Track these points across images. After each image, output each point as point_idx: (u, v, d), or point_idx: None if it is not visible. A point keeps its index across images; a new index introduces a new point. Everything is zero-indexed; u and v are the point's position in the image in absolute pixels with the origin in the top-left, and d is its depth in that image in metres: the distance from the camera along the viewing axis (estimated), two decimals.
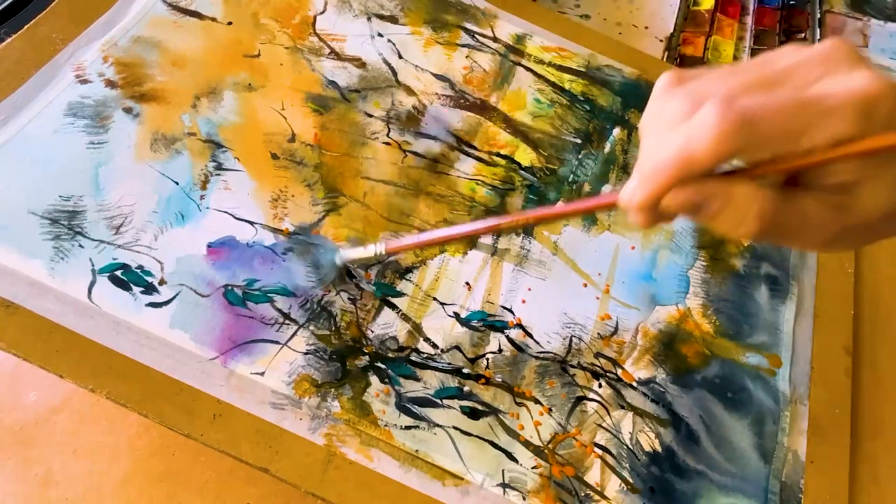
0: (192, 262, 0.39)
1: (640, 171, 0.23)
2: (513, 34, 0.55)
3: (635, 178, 0.23)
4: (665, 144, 0.22)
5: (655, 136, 0.23)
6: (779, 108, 0.21)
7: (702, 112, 0.21)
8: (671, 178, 0.22)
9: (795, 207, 0.23)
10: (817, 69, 0.22)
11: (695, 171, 0.22)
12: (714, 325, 0.45)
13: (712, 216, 0.23)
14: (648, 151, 0.23)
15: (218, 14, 0.49)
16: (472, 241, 0.44)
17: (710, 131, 0.21)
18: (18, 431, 0.40)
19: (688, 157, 0.21)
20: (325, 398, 0.37)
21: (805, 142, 0.21)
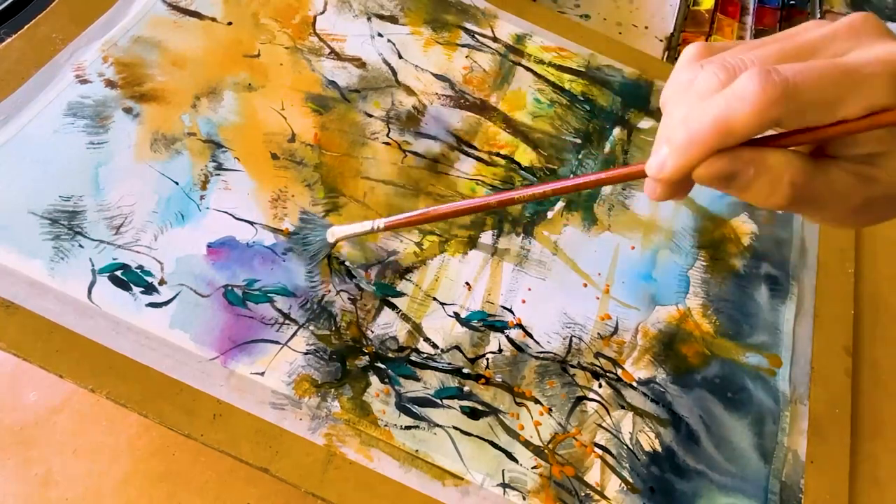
0: (192, 262, 0.39)
1: (672, 140, 0.22)
2: (513, 34, 0.55)
3: (664, 148, 0.23)
4: (700, 113, 0.22)
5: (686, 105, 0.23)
6: (817, 76, 0.21)
7: (741, 80, 0.21)
8: (709, 147, 0.22)
9: (824, 177, 0.23)
10: (848, 41, 0.22)
11: (734, 140, 0.21)
12: (714, 325, 0.45)
13: (745, 185, 0.22)
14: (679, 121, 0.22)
15: (218, 14, 0.49)
16: (473, 241, 0.44)
17: (752, 100, 0.20)
18: (18, 431, 0.40)
19: (728, 126, 0.21)
20: (325, 398, 0.37)
21: (841, 111, 0.21)
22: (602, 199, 0.49)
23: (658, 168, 0.23)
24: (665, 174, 0.23)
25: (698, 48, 0.24)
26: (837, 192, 0.23)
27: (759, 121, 0.21)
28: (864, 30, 0.22)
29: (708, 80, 0.22)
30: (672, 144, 0.22)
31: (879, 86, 0.21)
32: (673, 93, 0.24)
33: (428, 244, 0.44)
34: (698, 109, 0.22)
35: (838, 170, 0.23)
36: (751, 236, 0.49)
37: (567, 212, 0.47)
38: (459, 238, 0.44)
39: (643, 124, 0.53)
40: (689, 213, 0.49)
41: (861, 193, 0.23)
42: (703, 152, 0.22)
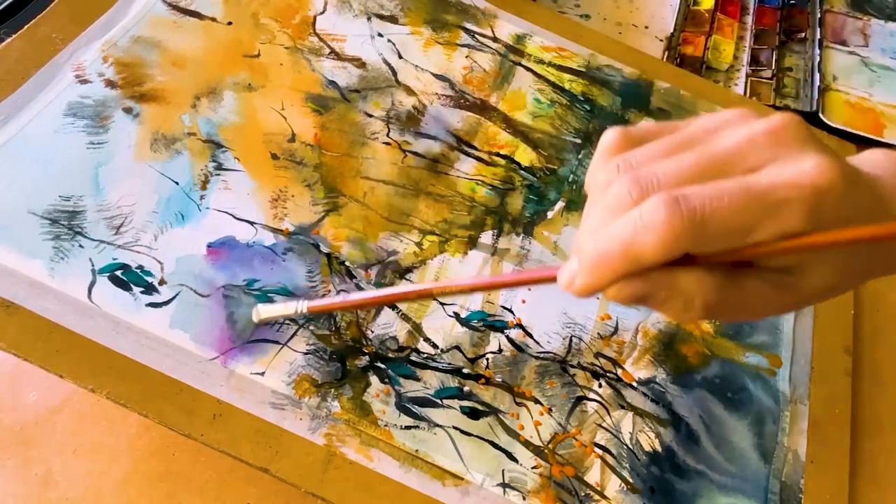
0: (192, 262, 0.39)
1: (581, 256, 0.22)
2: (513, 34, 0.55)
3: (575, 263, 0.22)
4: (608, 235, 0.21)
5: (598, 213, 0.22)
6: (727, 204, 0.20)
7: (648, 207, 0.20)
8: (617, 272, 0.21)
9: (740, 289, 0.23)
10: (766, 151, 0.21)
11: (640, 268, 0.21)
12: (714, 324, 0.45)
13: (657, 305, 0.22)
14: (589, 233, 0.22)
15: (218, 14, 0.49)
16: (473, 241, 0.45)
17: (658, 230, 0.20)
18: (18, 431, 0.40)
19: (633, 254, 0.21)
20: (325, 398, 0.37)
21: (752, 237, 0.20)
22: None
23: (567, 283, 0.23)
24: (574, 290, 0.22)
25: (617, 139, 0.23)
26: (752, 302, 0.23)
27: (666, 251, 0.20)
28: (784, 137, 0.21)
29: (619, 195, 0.21)
30: (581, 262, 0.22)
31: (792, 212, 0.20)
32: (589, 189, 0.23)
33: (428, 244, 0.44)
34: (607, 230, 0.21)
35: (755, 280, 0.23)
36: None
37: (567, 212, 0.47)
38: (459, 238, 0.44)
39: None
40: None
41: (779, 300, 0.23)
42: (610, 276, 0.21)
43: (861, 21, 0.70)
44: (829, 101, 0.62)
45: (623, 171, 0.22)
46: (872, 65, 0.66)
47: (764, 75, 0.64)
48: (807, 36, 0.69)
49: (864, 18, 0.70)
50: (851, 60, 0.66)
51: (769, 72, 0.64)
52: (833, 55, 0.67)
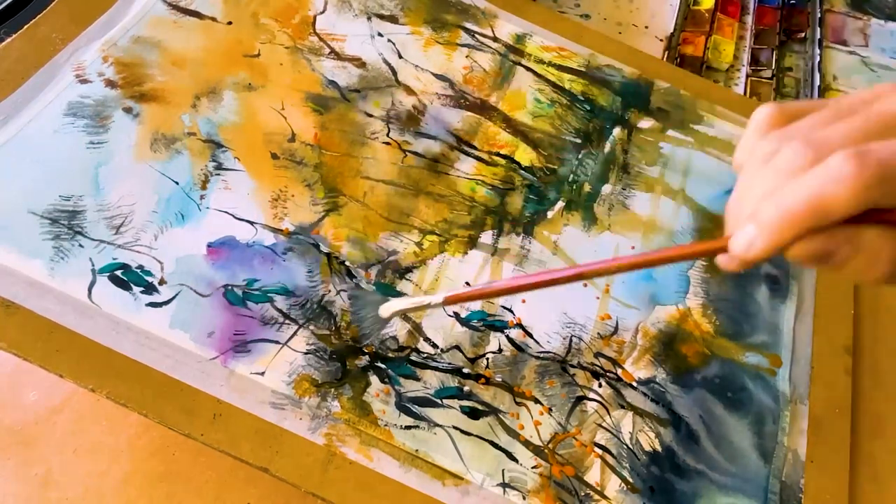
0: (192, 262, 0.39)
1: (760, 219, 0.22)
2: (513, 34, 0.55)
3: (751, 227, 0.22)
4: (792, 193, 0.21)
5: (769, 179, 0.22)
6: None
7: (835, 162, 0.21)
8: (802, 228, 0.21)
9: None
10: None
11: (828, 222, 0.21)
12: (714, 324, 0.45)
13: (841, 263, 0.22)
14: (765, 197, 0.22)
15: (218, 14, 0.49)
16: (473, 241, 0.44)
17: (848, 182, 0.20)
18: (18, 431, 0.40)
19: (823, 208, 0.21)
20: (325, 398, 0.37)
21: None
22: (602, 199, 0.49)
23: (746, 247, 0.23)
24: (753, 254, 0.23)
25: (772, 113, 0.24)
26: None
27: (857, 203, 0.20)
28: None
29: (794, 158, 0.22)
30: (761, 224, 0.22)
31: None
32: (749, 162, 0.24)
33: (428, 244, 0.44)
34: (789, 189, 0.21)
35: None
36: None
37: (567, 212, 0.47)
38: (459, 238, 0.44)
39: (643, 124, 0.53)
40: (689, 213, 0.49)
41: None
42: (794, 233, 0.22)
43: (861, 21, 0.70)
44: None
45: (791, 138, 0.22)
46: (872, 65, 0.66)
47: (764, 75, 0.64)
48: (807, 36, 0.69)
49: (864, 18, 0.70)
50: (851, 60, 0.66)
51: (769, 72, 0.64)
52: (833, 55, 0.67)
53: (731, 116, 0.55)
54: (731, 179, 0.52)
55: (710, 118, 0.55)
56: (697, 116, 0.55)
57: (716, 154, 0.53)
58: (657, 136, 0.53)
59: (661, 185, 0.50)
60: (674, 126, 0.54)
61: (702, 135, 0.54)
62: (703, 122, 0.54)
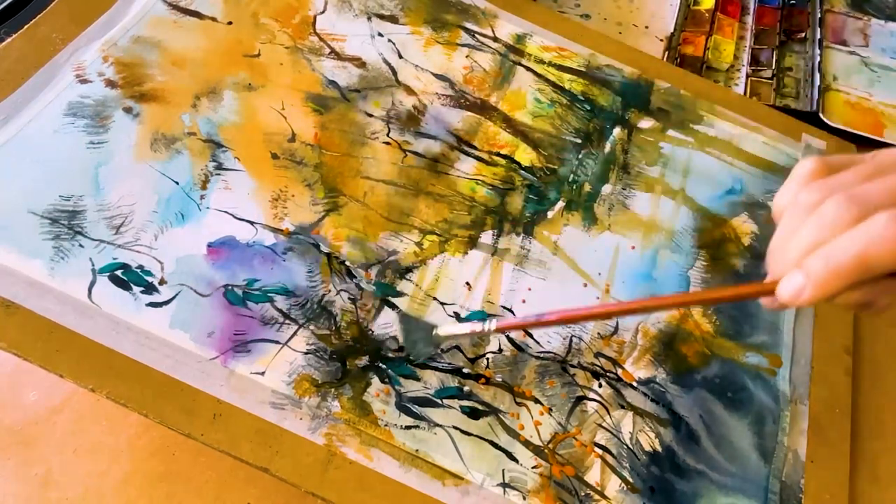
0: (192, 262, 0.39)
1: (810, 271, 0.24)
2: (513, 34, 0.55)
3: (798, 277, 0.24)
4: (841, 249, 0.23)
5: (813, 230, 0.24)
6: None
7: (880, 222, 0.23)
8: (847, 282, 0.23)
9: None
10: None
11: (870, 277, 0.23)
12: (714, 324, 0.45)
13: (881, 309, 0.25)
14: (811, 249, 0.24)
15: (218, 14, 0.49)
16: (473, 241, 0.44)
17: (891, 244, 0.22)
18: (18, 431, 0.40)
19: (867, 264, 0.23)
20: (325, 398, 0.37)
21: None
22: (602, 199, 0.49)
23: (794, 295, 0.25)
24: (801, 302, 0.25)
25: (817, 166, 0.26)
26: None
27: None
28: None
29: (838, 212, 0.24)
30: (809, 275, 0.24)
31: None
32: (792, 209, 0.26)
33: (428, 244, 0.44)
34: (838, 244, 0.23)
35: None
36: (751, 236, 0.49)
37: (567, 212, 0.47)
38: (459, 238, 0.44)
39: (643, 124, 0.53)
40: (689, 213, 0.49)
41: None
42: (841, 285, 0.24)
43: (861, 21, 0.70)
44: (830, 101, 0.62)
45: (834, 191, 0.24)
46: (872, 65, 0.66)
47: (764, 75, 0.64)
48: (807, 36, 0.69)
49: (864, 18, 0.70)
50: (851, 60, 0.66)
51: (769, 72, 0.64)
52: (833, 55, 0.67)
53: (732, 116, 0.55)
54: (731, 179, 0.52)
55: (711, 118, 0.55)
56: (697, 116, 0.55)
57: (716, 154, 0.53)
58: (657, 136, 0.53)
59: (662, 185, 0.50)
60: (674, 126, 0.54)
61: (702, 135, 0.54)
62: (704, 122, 0.54)
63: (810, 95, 0.63)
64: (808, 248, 0.24)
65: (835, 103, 0.62)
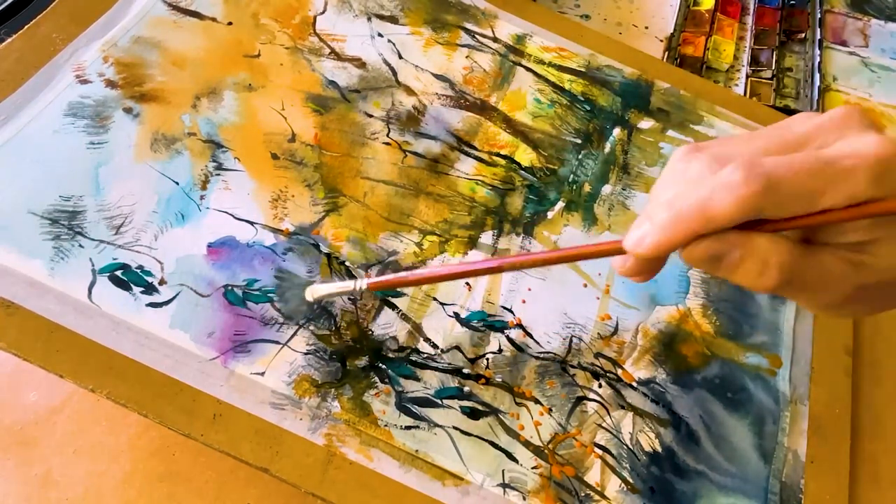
0: (192, 262, 0.39)
1: (654, 218, 0.23)
2: (513, 34, 0.55)
3: (645, 225, 0.24)
4: (685, 197, 0.22)
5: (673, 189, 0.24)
6: (798, 169, 0.21)
7: (725, 171, 0.22)
8: (690, 229, 0.22)
9: (814, 260, 0.23)
10: (833, 133, 0.23)
11: (715, 227, 0.22)
12: (714, 325, 0.45)
13: (733, 267, 0.23)
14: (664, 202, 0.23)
15: (218, 14, 0.49)
16: (473, 242, 0.45)
17: (733, 191, 0.21)
18: (18, 431, 0.40)
19: (710, 212, 0.22)
20: (325, 398, 0.37)
21: (822, 202, 0.22)
22: (602, 200, 0.49)
23: (636, 242, 0.24)
24: (642, 250, 0.24)
25: (689, 146, 0.25)
26: (827, 276, 0.24)
27: (740, 209, 0.22)
28: (848, 123, 0.23)
29: (695, 170, 0.23)
30: (654, 222, 0.23)
31: (858, 178, 0.21)
32: (665, 182, 0.25)
33: (428, 244, 0.44)
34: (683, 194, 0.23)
35: (830, 256, 0.24)
36: None
37: (567, 212, 0.47)
38: (459, 238, 0.44)
39: (643, 124, 0.53)
40: None
41: (852, 280, 0.24)
42: (683, 233, 0.23)
43: (861, 21, 0.70)
44: (829, 101, 0.62)
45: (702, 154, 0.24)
46: (872, 65, 0.66)
47: (764, 75, 0.64)
48: (807, 36, 0.69)
49: (864, 19, 0.70)
50: (851, 61, 0.67)
51: (769, 72, 0.64)
52: (833, 55, 0.67)
53: (731, 117, 0.55)
54: None
55: (710, 118, 0.55)
56: (697, 117, 0.55)
57: None
58: (657, 136, 0.53)
59: None
60: (674, 126, 0.54)
61: (702, 135, 0.54)
62: (703, 123, 0.54)
63: (810, 96, 0.63)
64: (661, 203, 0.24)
65: (835, 103, 0.62)
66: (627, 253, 0.25)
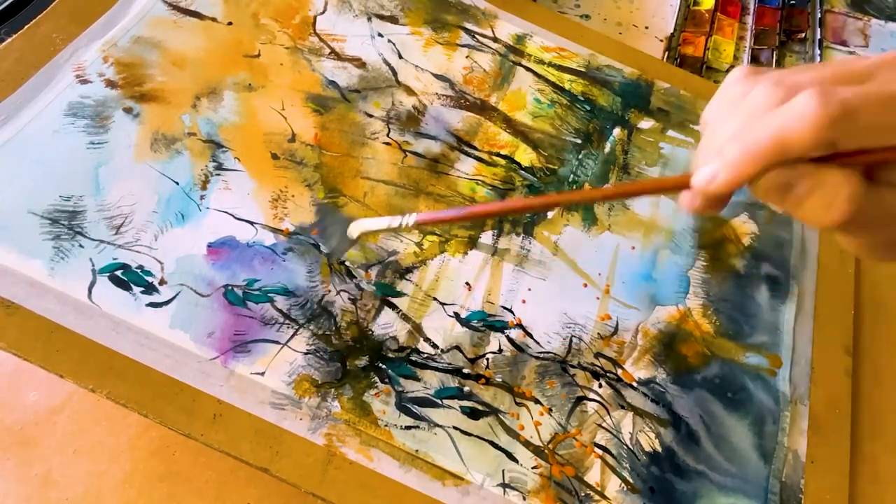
0: (192, 262, 0.39)
1: (725, 154, 0.23)
2: (513, 34, 0.55)
3: (716, 160, 0.23)
4: (757, 129, 0.22)
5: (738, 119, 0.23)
6: (874, 100, 0.21)
7: (800, 99, 0.21)
8: (764, 163, 0.22)
9: (879, 199, 0.23)
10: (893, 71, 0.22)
11: (790, 157, 0.22)
12: (714, 325, 0.45)
13: (801, 199, 0.22)
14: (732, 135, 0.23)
15: (218, 14, 0.49)
16: (473, 242, 0.45)
17: (810, 119, 0.21)
18: (18, 431, 0.40)
19: (785, 143, 0.21)
20: (325, 398, 0.37)
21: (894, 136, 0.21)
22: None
23: (708, 180, 0.23)
24: (714, 187, 0.23)
25: (747, 68, 0.24)
26: (890, 214, 0.23)
27: (817, 140, 0.21)
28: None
29: (765, 96, 0.22)
30: (725, 158, 0.23)
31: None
32: (719, 107, 0.24)
33: (428, 244, 0.44)
34: (755, 125, 0.22)
35: (891, 193, 0.23)
36: (751, 236, 0.49)
37: (567, 212, 0.47)
38: (459, 238, 0.44)
39: (643, 124, 0.53)
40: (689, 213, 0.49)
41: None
42: (757, 168, 0.22)
43: (861, 21, 0.70)
44: None
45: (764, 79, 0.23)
46: None
47: None
48: (807, 36, 0.69)
49: (864, 18, 0.70)
50: None
51: None
52: (833, 55, 0.67)
53: None
54: None
55: None
56: (697, 117, 0.55)
57: None
58: (657, 136, 0.53)
59: None
60: (674, 126, 0.54)
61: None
62: None
63: None
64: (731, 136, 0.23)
65: None
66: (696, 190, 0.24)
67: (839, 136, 0.21)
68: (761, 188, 0.23)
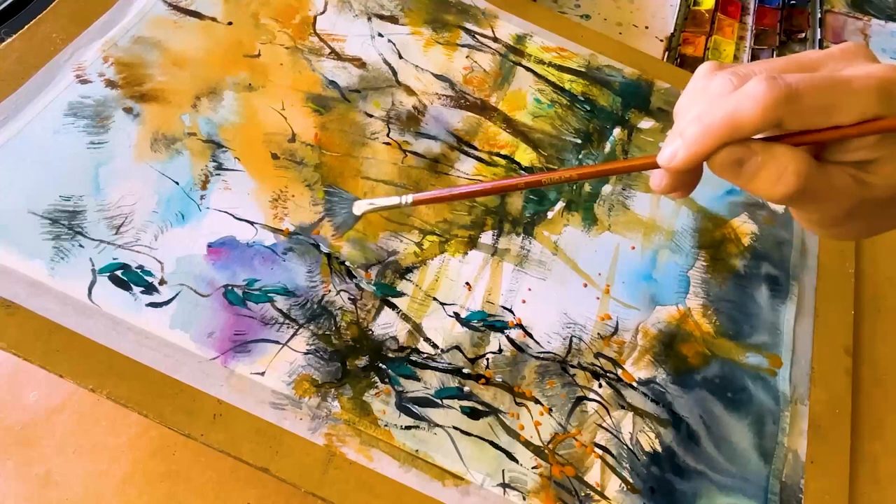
0: (192, 262, 0.39)
1: (685, 133, 0.25)
2: (513, 34, 0.55)
3: (676, 140, 0.25)
4: (713, 110, 0.24)
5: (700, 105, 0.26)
6: (817, 85, 0.24)
7: (750, 83, 0.24)
8: (719, 139, 0.24)
9: (824, 173, 0.25)
10: (841, 62, 0.25)
11: (742, 135, 0.24)
12: (714, 325, 0.45)
13: (753, 173, 0.25)
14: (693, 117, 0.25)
15: (218, 14, 0.49)
16: (473, 242, 0.45)
17: (759, 99, 0.23)
18: (18, 431, 0.40)
19: (737, 121, 0.24)
20: (325, 398, 0.37)
21: (836, 117, 0.24)
22: (602, 200, 0.49)
23: (670, 157, 0.26)
24: (676, 163, 0.26)
25: (713, 63, 0.27)
26: (835, 189, 0.25)
27: (765, 118, 0.23)
28: (855, 54, 0.26)
29: (722, 84, 0.25)
30: (685, 137, 0.25)
31: (869, 96, 0.24)
32: (688, 98, 0.27)
33: (428, 244, 0.44)
34: (712, 107, 0.25)
35: (838, 170, 0.25)
36: (751, 236, 0.49)
37: (567, 212, 0.47)
38: (459, 238, 0.44)
39: (643, 124, 0.53)
40: (689, 213, 0.49)
41: (856, 194, 0.26)
42: (713, 143, 0.25)
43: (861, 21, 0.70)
44: None
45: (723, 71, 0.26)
46: None
47: None
48: (807, 36, 0.69)
49: (864, 18, 0.70)
50: None
51: None
52: None
53: None
54: None
55: None
56: None
57: None
58: (657, 136, 0.53)
59: None
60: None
61: None
62: None
63: None
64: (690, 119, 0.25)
65: None
66: (661, 168, 0.27)
67: (785, 116, 0.23)
68: (717, 164, 0.25)
